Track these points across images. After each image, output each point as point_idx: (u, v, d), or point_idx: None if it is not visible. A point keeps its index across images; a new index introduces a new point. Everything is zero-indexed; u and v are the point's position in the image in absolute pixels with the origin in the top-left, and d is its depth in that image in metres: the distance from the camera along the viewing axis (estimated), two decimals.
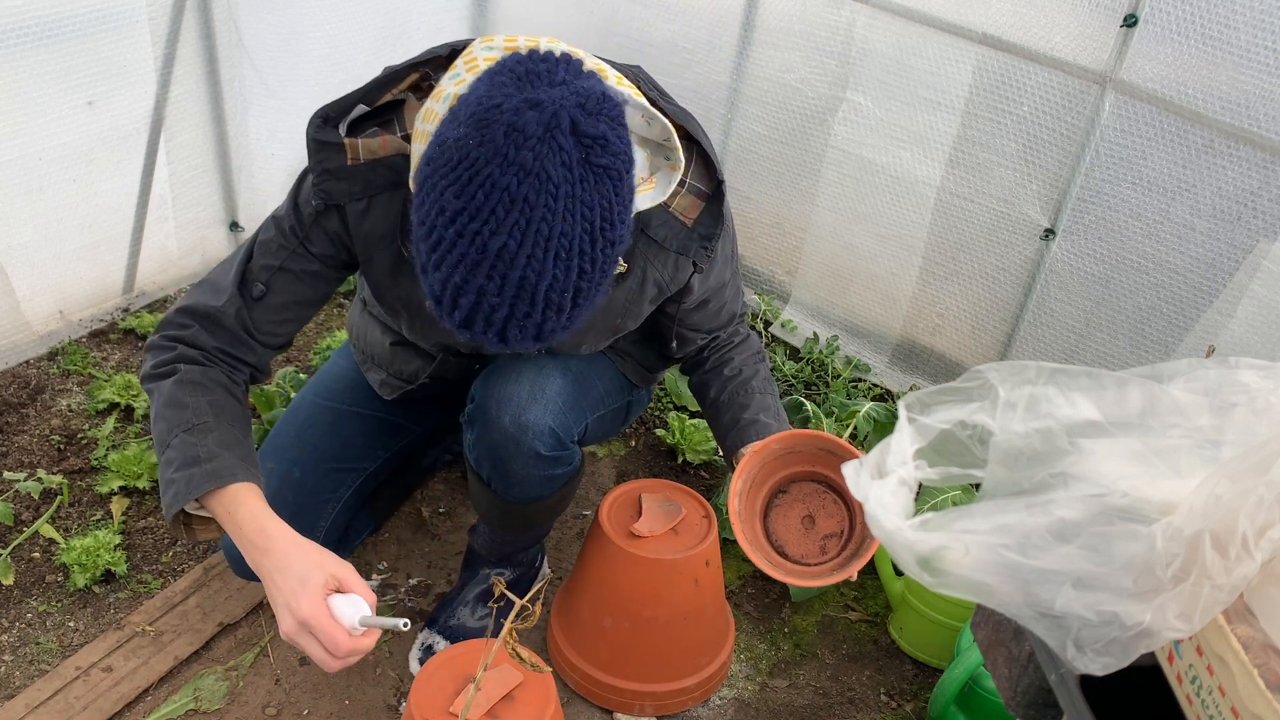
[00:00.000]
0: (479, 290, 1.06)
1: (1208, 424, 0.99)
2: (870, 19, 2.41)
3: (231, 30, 2.52)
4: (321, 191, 1.33)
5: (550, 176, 1.02)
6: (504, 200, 1.02)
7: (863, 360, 2.76)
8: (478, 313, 1.08)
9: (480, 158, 1.02)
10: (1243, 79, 1.96)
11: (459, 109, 1.08)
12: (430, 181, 1.06)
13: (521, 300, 1.07)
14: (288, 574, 1.25)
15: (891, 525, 1.03)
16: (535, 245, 1.04)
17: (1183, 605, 0.86)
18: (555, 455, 1.63)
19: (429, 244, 1.07)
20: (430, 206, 1.06)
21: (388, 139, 1.33)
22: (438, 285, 1.08)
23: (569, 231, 1.05)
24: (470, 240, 1.04)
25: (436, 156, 1.06)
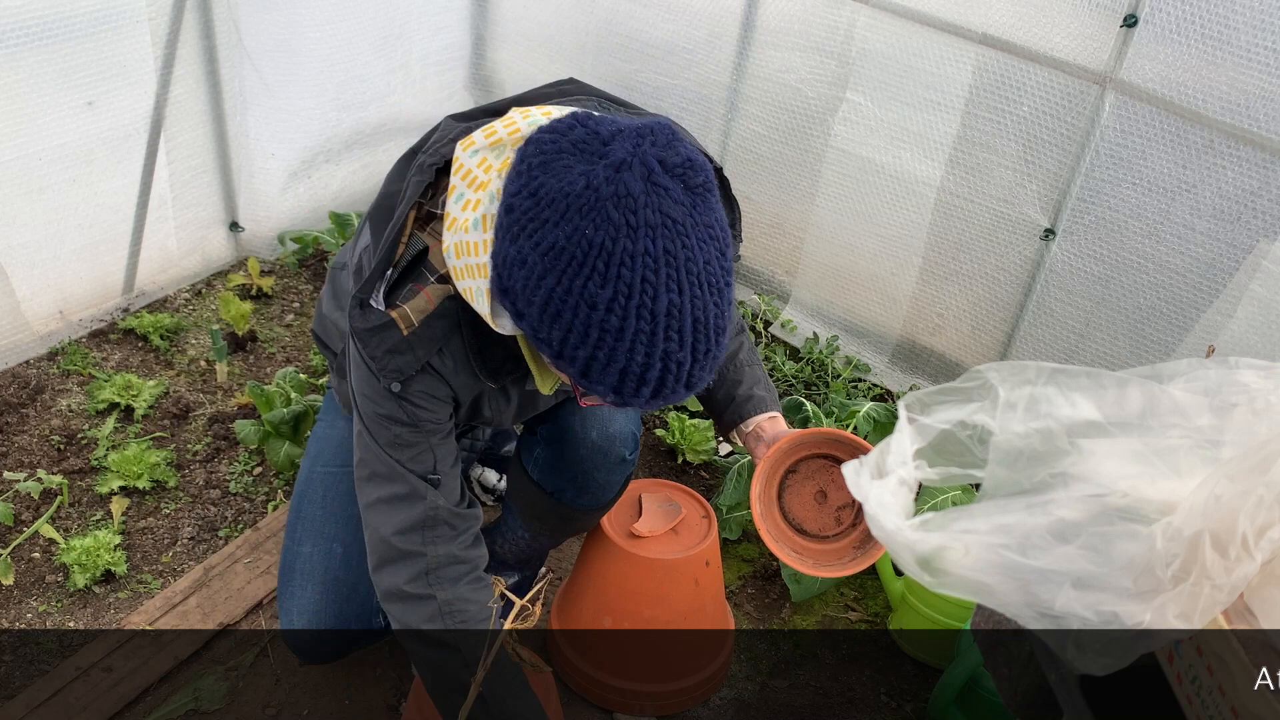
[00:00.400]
0: (663, 356, 1.06)
1: (1208, 424, 0.99)
2: (870, 19, 2.41)
3: (231, 30, 2.52)
4: (393, 372, 1.28)
5: (675, 219, 1.03)
6: (650, 263, 1.02)
7: (863, 360, 2.76)
8: (667, 376, 1.08)
9: (605, 238, 1.02)
10: (1243, 79, 1.96)
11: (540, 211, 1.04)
12: (561, 289, 1.04)
13: (700, 342, 1.08)
14: None
15: (891, 525, 1.03)
16: (693, 287, 1.05)
17: (1183, 605, 0.86)
18: (631, 458, 1.71)
19: (589, 347, 1.05)
20: (575, 311, 1.04)
21: (429, 290, 1.27)
22: (615, 377, 1.07)
23: (709, 258, 1.06)
24: (636, 316, 1.03)
25: (551, 266, 1.03)
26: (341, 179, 3.00)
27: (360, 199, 3.07)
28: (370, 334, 1.26)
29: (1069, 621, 0.92)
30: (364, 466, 1.40)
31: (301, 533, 1.72)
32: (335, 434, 1.80)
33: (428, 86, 3.12)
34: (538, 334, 1.08)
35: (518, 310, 1.09)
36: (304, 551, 1.69)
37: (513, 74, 3.17)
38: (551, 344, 1.07)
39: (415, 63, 3.03)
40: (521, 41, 3.11)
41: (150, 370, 2.50)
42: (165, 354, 2.54)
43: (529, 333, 1.09)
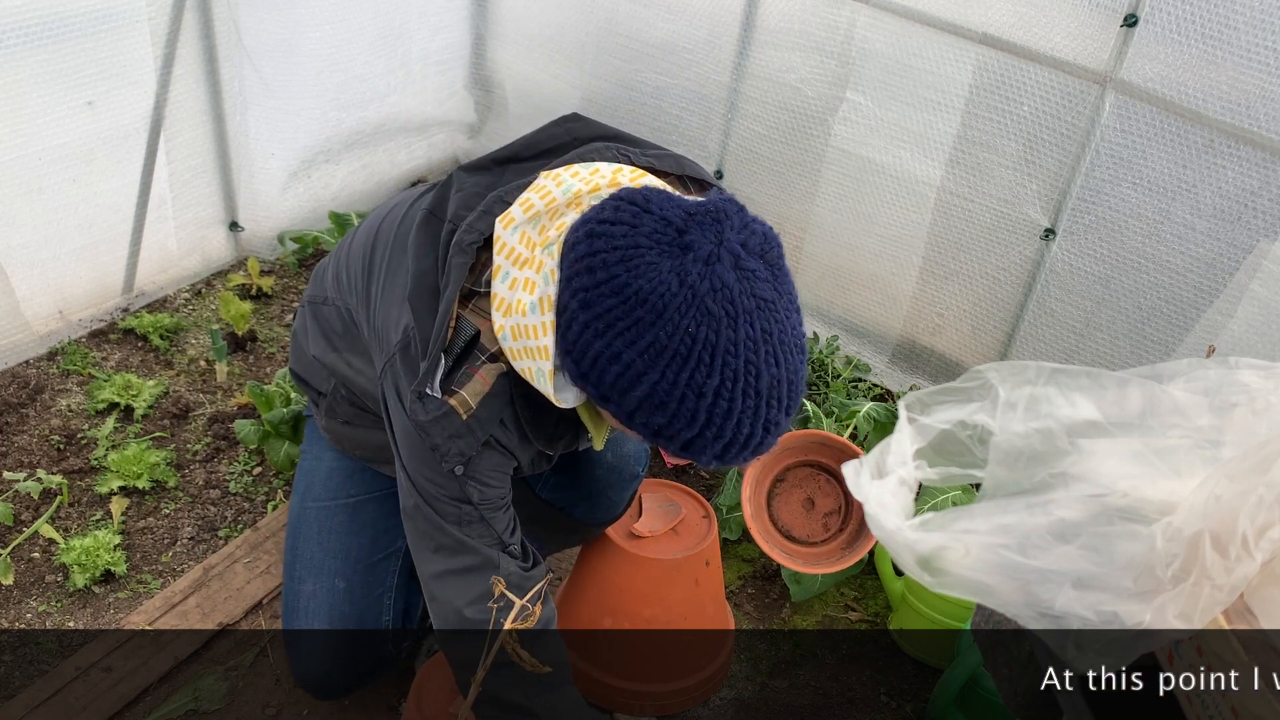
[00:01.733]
0: (765, 423, 1.11)
1: (1208, 424, 0.99)
2: (870, 19, 2.40)
3: (231, 30, 2.52)
4: (458, 457, 1.29)
5: (766, 299, 1.08)
6: (751, 346, 1.07)
7: (863, 360, 2.76)
8: (766, 438, 1.13)
9: (709, 332, 1.06)
10: (1243, 79, 1.95)
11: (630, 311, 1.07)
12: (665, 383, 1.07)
13: (793, 401, 1.13)
14: None
15: (891, 525, 1.03)
16: (788, 355, 1.10)
17: (1183, 605, 0.86)
18: (644, 470, 1.75)
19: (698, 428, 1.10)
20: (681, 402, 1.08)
21: (483, 372, 1.27)
22: (719, 448, 1.12)
23: (794, 323, 1.12)
24: (743, 396, 1.08)
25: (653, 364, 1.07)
26: (341, 179, 3.00)
27: (360, 199, 3.07)
28: (432, 424, 1.27)
29: (1069, 621, 0.92)
30: (427, 540, 1.38)
31: (301, 571, 1.72)
32: (323, 467, 1.79)
33: (427, 86, 3.12)
34: (634, 420, 1.12)
35: (605, 397, 1.12)
36: (306, 590, 1.69)
37: (513, 74, 3.17)
38: (650, 428, 1.12)
39: (415, 62, 3.03)
40: (521, 41, 3.11)
41: (150, 370, 2.50)
42: (165, 354, 2.54)
43: (622, 418, 1.13)
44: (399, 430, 1.34)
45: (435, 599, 1.40)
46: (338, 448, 1.79)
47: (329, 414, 1.72)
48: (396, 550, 1.76)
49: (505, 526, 1.39)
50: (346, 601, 1.69)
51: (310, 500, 1.77)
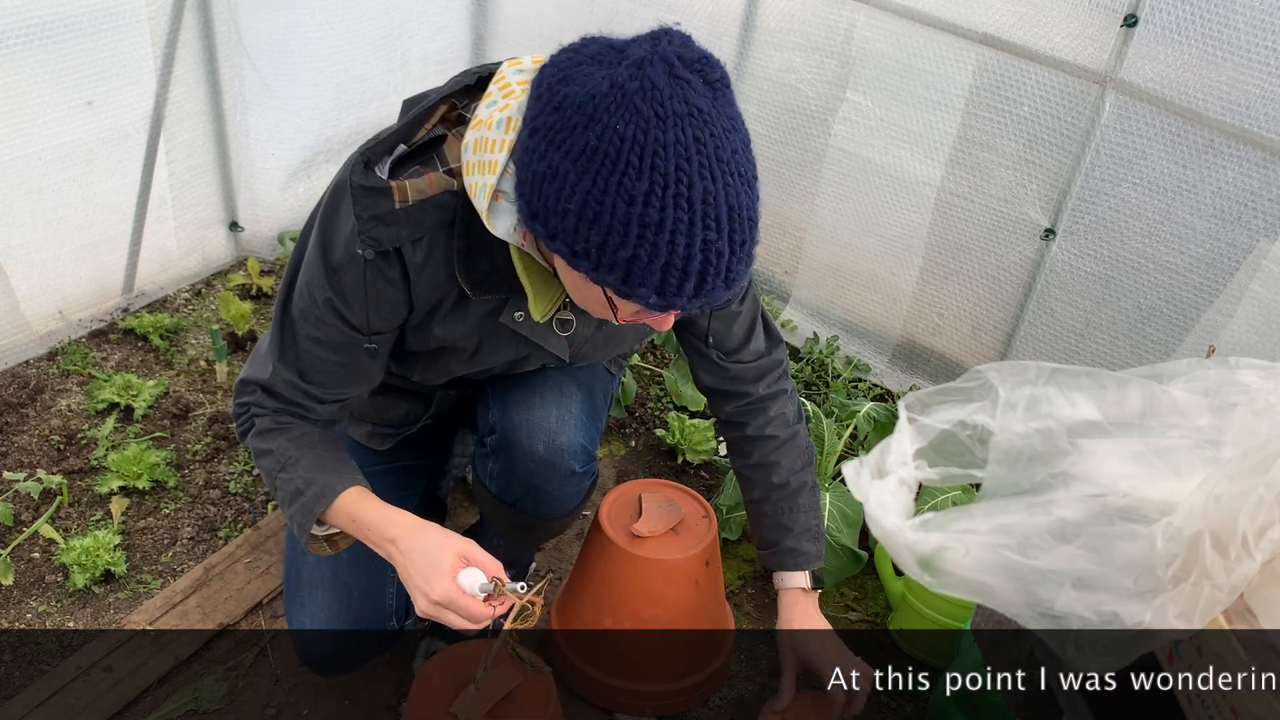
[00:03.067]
0: (703, 246, 1.06)
1: (1208, 424, 0.99)
2: (870, 19, 2.40)
3: (231, 30, 2.52)
4: (370, 239, 1.26)
5: (701, 108, 1.05)
6: (682, 152, 1.03)
7: (863, 360, 2.76)
8: (708, 268, 1.08)
9: (637, 131, 1.03)
10: (1243, 79, 1.96)
11: (565, 119, 1.05)
12: (597, 189, 1.04)
13: (735, 228, 1.09)
14: (418, 559, 1.33)
15: (891, 525, 1.03)
16: (724, 174, 1.06)
17: (1183, 605, 0.86)
18: (586, 469, 1.66)
19: (630, 247, 1.05)
20: (613, 210, 1.04)
21: (433, 176, 1.26)
22: (658, 273, 1.07)
23: (736, 147, 1.08)
24: (674, 205, 1.04)
25: (585, 169, 1.04)
26: None
27: None
28: (365, 192, 1.25)
29: (1069, 621, 0.92)
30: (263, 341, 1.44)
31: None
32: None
33: (428, 86, 3.11)
34: (574, 248, 1.08)
35: (551, 231, 1.09)
36: (309, 560, 1.68)
37: None
38: (590, 255, 1.08)
39: (415, 63, 3.03)
40: (522, 41, 3.11)
41: (150, 370, 2.50)
42: (165, 354, 2.54)
43: (565, 252, 1.09)
44: (326, 198, 1.32)
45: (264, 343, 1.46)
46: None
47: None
48: None
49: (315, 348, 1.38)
50: (350, 572, 1.66)
51: None
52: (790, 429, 1.68)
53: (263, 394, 1.45)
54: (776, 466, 1.66)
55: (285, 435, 1.44)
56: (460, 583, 1.32)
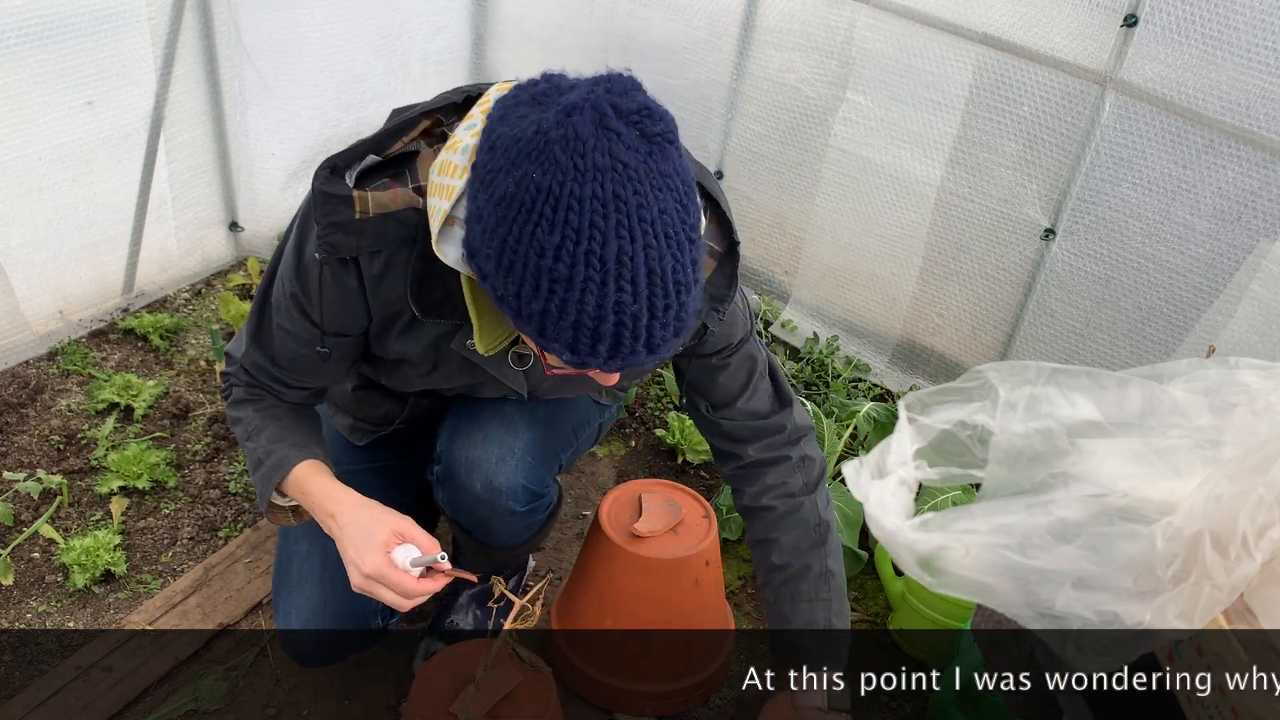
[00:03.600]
0: (615, 308, 1.01)
1: (1208, 424, 0.99)
2: (870, 19, 2.40)
3: (231, 30, 2.52)
4: (327, 245, 1.25)
5: (627, 164, 0.99)
6: (598, 209, 0.98)
7: (863, 360, 2.76)
8: (623, 331, 1.02)
9: (553, 183, 0.98)
10: (1243, 79, 1.96)
11: (494, 161, 1.03)
12: (512, 238, 1.01)
13: (656, 294, 1.02)
14: (354, 534, 1.35)
15: (891, 525, 1.03)
16: (645, 235, 1.00)
17: (1183, 605, 0.86)
18: (532, 506, 1.63)
19: (541, 299, 1.01)
20: (525, 260, 1.01)
21: (399, 191, 1.25)
22: (569, 331, 1.02)
23: (666, 208, 1.01)
24: (585, 263, 0.99)
25: (504, 216, 1.01)
26: None
27: None
28: (327, 199, 1.24)
29: (1069, 621, 0.92)
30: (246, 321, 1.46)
31: (297, 532, 1.70)
32: (327, 432, 1.78)
33: (427, 86, 3.12)
34: (498, 293, 1.05)
35: (481, 270, 1.07)
36: (300, 550, 1.68)
37: (512, 74, 3.16)
38: (509, 302, 1.04)
39: (415, 63, 3.03)
40: (521, 41, 3.11)
41: (150, 370, 2.50)
42: (165, 354, 2.54)
43: (493, 295, 1.07)
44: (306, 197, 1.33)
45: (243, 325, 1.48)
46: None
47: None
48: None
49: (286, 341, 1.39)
50: (338, 567, 1.66)
51: None
52: (792, 501, 1.54)
53: (240, 371, 1.48)
54: (775, 545, 1.54)
55: (255, 406, 1.47)
56: (394, 558, 1.34)
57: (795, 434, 1.55)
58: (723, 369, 1.49)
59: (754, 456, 1.54)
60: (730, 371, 1.49)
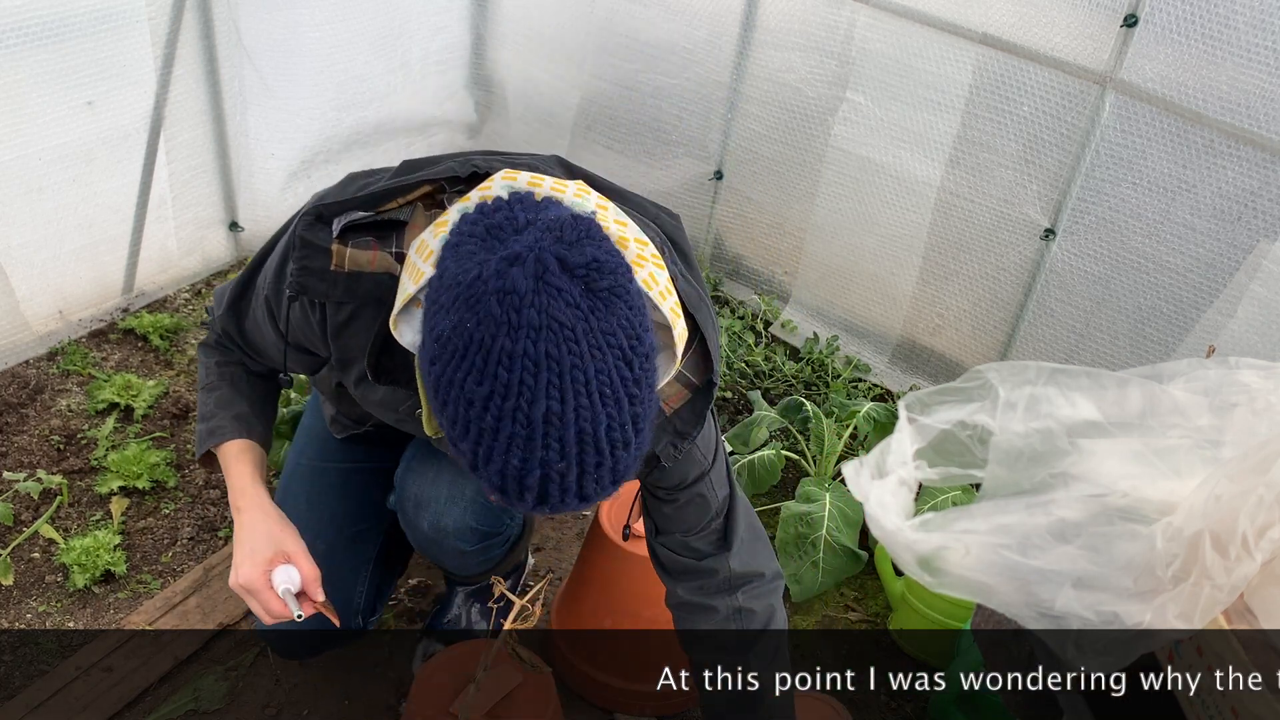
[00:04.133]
0: (541, 463, 0.98)
1: (1208, 424, 0.99)
2: (870, 19, 2.41)
3: (231, 30, 2.52)
4: (297, 284, 1.25)
5: (563, 323, 0.95)
6: (528, 367, 0.95)
7: (863, 360, 2.76)
8: (549, 485, 1.00)
9: (485, 335, 0.96)
10: (1243, 79, 1.96)
11: (439, 295, 1.01)
12: (445, 379, 0.99)
13: (587, 453, 1.00)
14: (245, 540, 1.39)
15: (891, 525, 1.03)
16: (578, 395, 0.97)
17: (1183, 605, 0.86)
18: (484, 544, 1.62)
19: (470, 441, 0.99)
20: (456, 404, 0.99)
21: (378, 255, 1.23)
22: (496, 477, 1.00)
23: (604, 367, 0.98)
24: (512, 419, 0.97)
25: (439, 354, 0.99)
26: None
27: None
28: (305, 244, 1.24)
29: (1069, 621, 0.92)
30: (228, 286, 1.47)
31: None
32: (321, 427, 1.79)
33: (427, 86, 3.12)
34: (436, 415, 1.04)
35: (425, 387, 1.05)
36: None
37: (513, 74, 3.17)
38: (446, 426, 1.03)
39: (415, 63, 3.03)
40: (521, 41, 3.11)
41: (150, 370, 2.50)
42: (165, 354, 2.54)
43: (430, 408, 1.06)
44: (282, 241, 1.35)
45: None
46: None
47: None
48: (379, 525, 1.76)
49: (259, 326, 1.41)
50: (325, 562, 1.66)
51: (305, 457, 1.77)
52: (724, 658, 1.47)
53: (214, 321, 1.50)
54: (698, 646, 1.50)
55: (220, 358, 1.50)
56: (273, 577, 1.38)
57: (731, 582, 1.47)
58: (670, 503, 1.43)
59: (683, 597, 1.48)
60: (678, 506, 1.43)
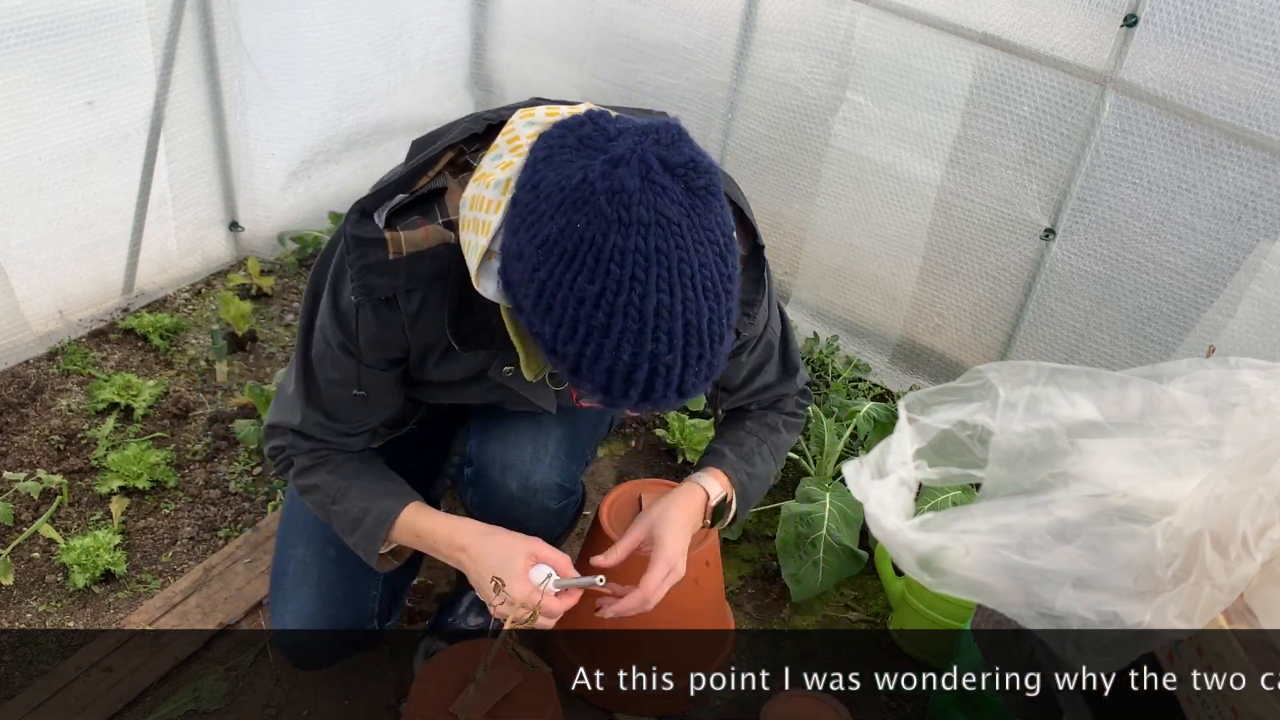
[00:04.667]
0: (650, 357, 1.04)
1: (1208, 424, 0.99)
2: (870, 19, 2.41)
3: (231, 30, 2.52)
4: (363, 287, 1.27)
5: (670, 218, 1.01)
6: (639, 262, 1.01)
7: (863, 360, 2.76)
8: (655, 380, 1.05)
9: (595, 234, 1.00)
10: (1243, 79, 1.96)
11: (537, 205, 1.04)
12: (552, 282, 1.03)
13: (691, 345, 1.05)
14: (491, 564, 1.40)
15: (891, 525, 1.03)
16: (685, 289, 1.03)
17: (1183, 605, 0.86)
18: (564, 503, 1.67)
19: (577, 343, 1.04)
20: (564, 306, 1.03)
21: (430, 229, 1.27)
22: (603, 375, 1.05)
23: (705, 262, 1.04)
24: (624, 314, 1.02)
25: (544, 259, 1.03)
26: (341, 179, 3.00)
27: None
28: (359, 243, 1.25)
29: (1069, 621, 0.92)
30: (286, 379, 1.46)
31: (295, 535, 1.71)
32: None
33: (428, 86, 3.12)
34: (533, 327, 1.07)
35: (517, 303, 1.08)
36: (297, 554, 1.68)
37: (513, 74, 3.17)
38: (544, 337, 1.07)
39: (415, 63, 3.03)
40: (521, 41, 3.11)
41: (150, 370, 2.50)
42: (165, 354, 2.54)
43: (526, 326, 1.09)
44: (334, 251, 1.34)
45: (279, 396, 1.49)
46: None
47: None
48: None
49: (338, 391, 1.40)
50: (337, 569, 1.67)
51: None
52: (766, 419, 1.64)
53: (295, 436, 1.47)
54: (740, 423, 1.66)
55: (326, 469, 1.47)
56: (533, 579, 1.38)
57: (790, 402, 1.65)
58: (743, 358, 1.54)
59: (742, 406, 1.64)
60: (750, 357, 1.55)
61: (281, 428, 1.47)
